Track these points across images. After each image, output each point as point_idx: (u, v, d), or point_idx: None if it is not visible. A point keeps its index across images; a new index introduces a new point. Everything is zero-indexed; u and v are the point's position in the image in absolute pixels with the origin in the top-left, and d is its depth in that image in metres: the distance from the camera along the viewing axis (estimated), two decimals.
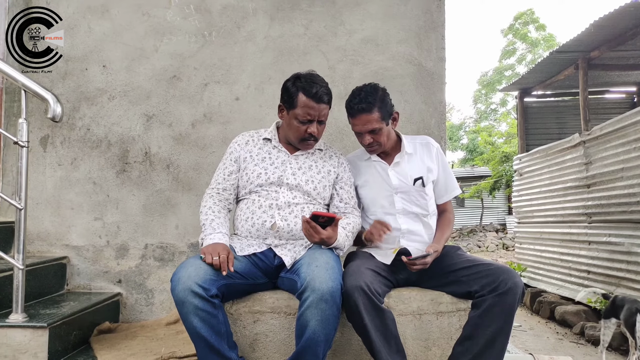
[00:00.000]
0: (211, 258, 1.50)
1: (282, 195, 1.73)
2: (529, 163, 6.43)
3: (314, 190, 1.78)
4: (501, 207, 17.60)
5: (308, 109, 1.69)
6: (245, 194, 1.79)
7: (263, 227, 1.71)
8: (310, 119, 1.71)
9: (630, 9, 4.97)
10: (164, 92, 2.56)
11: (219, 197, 1.79)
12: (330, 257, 1.58)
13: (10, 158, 2.56)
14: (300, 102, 1.69)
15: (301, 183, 1.76)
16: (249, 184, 1.77)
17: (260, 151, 1.82)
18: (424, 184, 1.83)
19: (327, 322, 1.42)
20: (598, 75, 7.19)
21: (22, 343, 1.78)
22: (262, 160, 1.79)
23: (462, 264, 1.66)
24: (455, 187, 1.92)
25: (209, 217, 1.70)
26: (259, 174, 1.76)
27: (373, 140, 1.77)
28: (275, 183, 1.75)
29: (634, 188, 4.17)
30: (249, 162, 1.79)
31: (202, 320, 1.42)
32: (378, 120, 1.73)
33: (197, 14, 2.58)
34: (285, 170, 1.77)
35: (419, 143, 1.90)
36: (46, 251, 2.50)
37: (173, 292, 1.44)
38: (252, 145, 1.84)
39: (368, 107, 1.71)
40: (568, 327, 4.72)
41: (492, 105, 22.21)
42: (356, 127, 1.77)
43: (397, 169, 1.85)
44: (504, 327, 1.49)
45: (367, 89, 1.74)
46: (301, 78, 1.72)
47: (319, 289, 1.42)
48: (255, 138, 1.86)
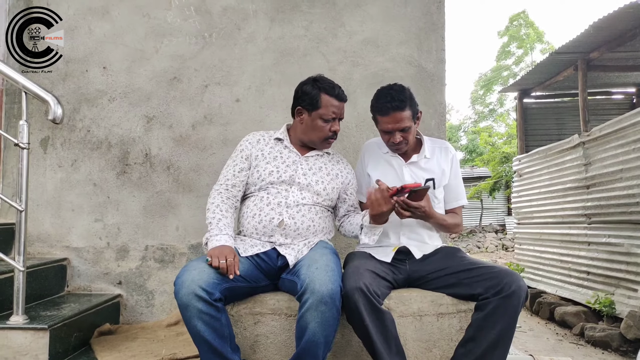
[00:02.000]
0: (217, 261, 1.50)
1: (292, 194, 1.76)
2: (528, 164, 6.43)
3: (323, 190, 1.81)
4: (501, 208, 17.60)
5: (333, 107, 1.78)
6: (254, 191, 1.81)
7: (270, 224, 1.72)
8: (334, 117, 1.80)
9: (629, 11, 4.98)
10: (164, 94, 2.56)
11: (227, 193, 1.79)
12: (330, 259, 1.59)
13: (10, 160, 2.56)
14: (324, 102, 1.77)
15: (312, 183, 1.79)
16: (260, 180, 1.78)
17: (272, 150, 1.85)
18: (435, 187, 1.85)
19: (326, 325, 1.43)
20: (597, 76, 7.20)
21: (23, 345, 1.77)
22: (274, 159, 1.81)
23: (464, 266, 1.66)
24: (463, 197, 1.94)
25: (217, 216, 1.70)
26: (271, 172, 1.78)
27: (403, 138, 1.80)
28: (286, 182, 1.77)
29: (633, 189, 4.17)
30: (261, 160, 1.81)
31: (206, 324, 1.42)
32: (409, 119, 1.77)
33: (198, 16, 2.58)
34: (297, 170, 1.80)
35: (438, 147, 1.95)
36: (46, 253, 2.50)
37: (177, 295, 1.44)
38: (263, 144, 1.86)
39: (401, 105, 1.75)
40: (568, 328, 4.72)
41: (490, 106, 22.23)
42: (388, 125, 1.79)
43: (412, 168, 1.89)
44: (507, 330, 1.49)
45: (397, 87, 1.79)
46: (319, 80, 1.80)
47: (318, 291, 1.42)
48: (266, 137, 1.89)
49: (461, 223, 1.94)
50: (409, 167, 1.89)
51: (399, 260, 1.78)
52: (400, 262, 1.78)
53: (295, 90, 1.86)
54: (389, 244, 1.84)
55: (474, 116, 23.80)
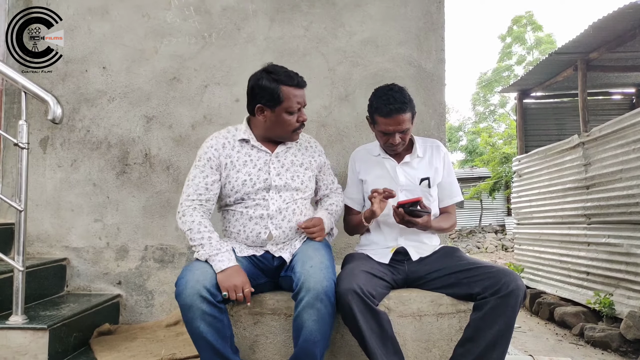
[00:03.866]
0: (235, 294, 1.47)
1: (272, 201, 1.68)
2: (528, 164, 6.43)
3: (301, 184, 1.76)
4: (500, 208, 17.60)
5: (296, 98, 1.66)
6: (230, 204, 1.72)
7: (258, 239, 1.69)
8: (300, 107, 1.69)
9: (629, 11, 4.98)
10: (164, 94, 2.56)
11: (202, 208, 1.65)
12: (325, 256, 1.58)
13: (10, 160, 2.56)
14: (286, 94, 1.64)
15: (288, 181, 1.72)
16: (234, 192, 1.68)
17: (240, 154, 1.71)
18: (430, 185, 1.85)
19: (323, 322, 1.43)
20: (597, 76, 7.21)
21: (22, 345, 1.77)
22: (244, 165, 1.70)
23: (462, 265, 1.66)
24: (457, 194, 1.93)
25: (205, 235, 1.58)
26: (244, 181, 1.68)
27: (401, 140, 1.79)
28: (262, 188, 1.68)
29: (632, 189, 4.17)
30: (231, 169, 1.69)
31: (209, 325, 1.42)
32: (410, 120, 1.77)
33: (197, 16, 2.58)
34: (270, 172, 1.71)
35: (429, 146, 1.93)
36: (46, 253, 2.50)
37: (179, 296, 1.42)
38: (229, 148, 1.72)
39: (403, 107, 1.72)
40: (567, 328, 4.73)
41: (490, 107, 22.23)
42: (389, 127, 1.75)
43: (406, 168, 1.88)
44: (505, 329, 1.49)
45: (396, 88, 1.77)
46: (273, 72, 1.66)
47: (314, 289, 1.43)
48: (230, 139, 1.74)
49: (456, 221, 1.96)
50: (402, 167, 1.88)
51: (398, 261, 1.78)
52: (398, 262, 1.78)
53: (250, 86, 1.70)
54: (387, 245, 1.84)
55: (474, 117, 23.82)
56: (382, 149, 1.91)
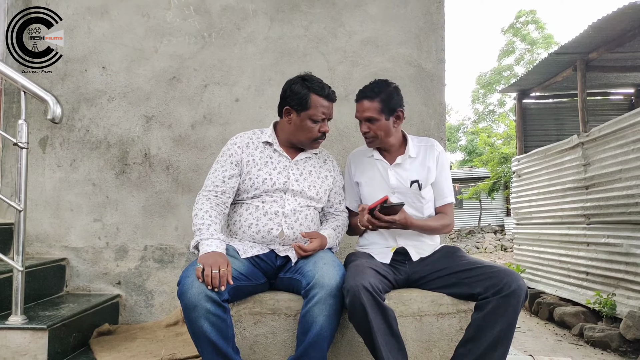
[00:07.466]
0: (210, 270, 1.42)
1: (288, 202, 1.74)
2: (527, 164, 6.44)
3: (316, 195, 1.81)
4: (499, 208, 17.60)
5: (322, 108, 1.73)
6: (246, 199, 1.77)
7: (269, 235, 1.71)
8: (324, 118, 1.76)
9: (629, 11, 4.99)
10: (163, 94, 2.56)
11: (216, 200, 1.72)
12: (334, 256, 1.68)
13: (9, 159, 2.56)
14: (314, 103, 1.72)
15: (305, 189, 1.78)
16: (253, 189, 1.74)
17: (262, 155, 1.80)
18: (420, 187, 1.83)
19: (333, 318, 1.49)
20: (596, 77, 7.22)
21: (22, 345, 1.77)
22: (265, 165, 1.77)
23: (463, 265, 1.66)
24: (449, 194, 1.89)
25: (206, 222, 1.63)
26: (264, 180, 1.74)
27: (369, 130, 1.80)
28: (280, 189, 1.74)
29: (632, 189, 4.18)
30: (252, 166, 1.76)
31: (212, 325, 1.42)
32: (377, 111, 1.76)
33: (197, 15, 2.58)
34: (289, 177, 1.77)
35: (424, 145, 1.91)
36: (45, 253, 2.49)
37: (183, 295, 1.42)
38: (252, 148, 1.80)
39: (371, 95, 1.76)
40: (567, 329, 4.73)
41: (490, 107, 22.23)
42: (357, 113, 1.83)
43: (397, 170, 1.86)
44: (507, 329, 1.49)
45: (379, 81, 1.81)
46: (308, 79, 1.75)
47: (328, 285, 1.48)
48: (254, 140, 1.83)
49: (451, 222, 1.88)
50: (394, 169, 1.86)
51: (399, 262, 1.78)
52: (400, 263, 1.78)
53: (283, 89, 1.80)
54: (387, 245, 1.84)
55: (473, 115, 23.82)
56: (375, 149, 1.90)
